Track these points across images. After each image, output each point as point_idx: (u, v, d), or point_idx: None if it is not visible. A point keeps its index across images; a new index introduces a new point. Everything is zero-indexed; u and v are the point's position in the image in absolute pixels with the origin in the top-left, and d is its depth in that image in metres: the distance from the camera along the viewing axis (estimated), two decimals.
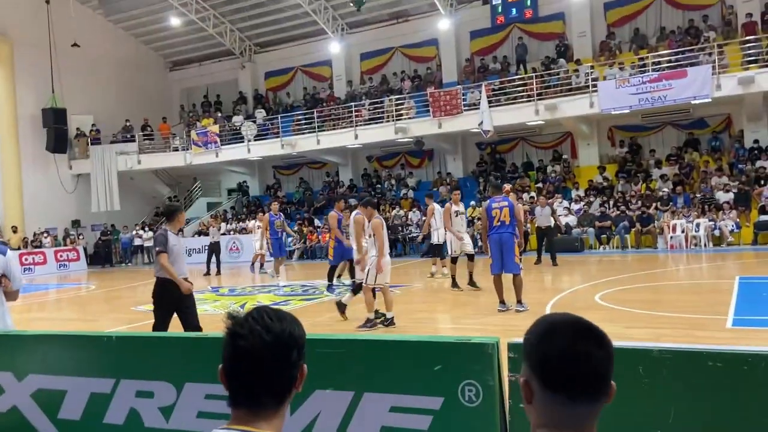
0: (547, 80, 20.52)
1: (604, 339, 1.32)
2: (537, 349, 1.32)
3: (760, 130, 19.09)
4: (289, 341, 1.48)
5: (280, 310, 1.56)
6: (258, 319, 1.49)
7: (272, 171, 28.57)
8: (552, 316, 1.41)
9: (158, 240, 6.44)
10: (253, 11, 26.16)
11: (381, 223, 8.03)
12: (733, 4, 19.82)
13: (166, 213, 7.07)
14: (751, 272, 12.04)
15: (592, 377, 1.29)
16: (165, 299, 6.37)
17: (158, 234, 6.59)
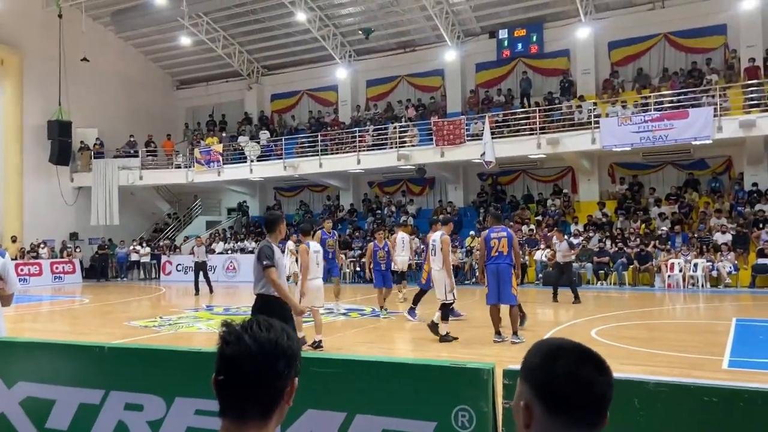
0: (550, 114, 20.70)
1: (605, 365, 1.33)
2: (541, 371, 1.32)
3: (759, 173, 19.21)
4: (275, 351, 1.48)
5: (273, 321, 1.56)
6: (247, 327, 1.50)
7: (273, 192, 28.64)
8: (553, 340, 1.41)
9: (264, 253, 5.72)
10: (263, 34, 26.54)
11: (306, 249, 8.67)
12: (736, 48, 20.11)
13: (266, 222, 6.18)
14: (748, 314, 12.00)
15: (595, 402, 1.29)
16: None
17: (263, 246, 5.83)
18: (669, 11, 21.06)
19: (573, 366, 1.29)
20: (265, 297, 5.74)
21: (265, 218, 6.22)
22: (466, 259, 20.22)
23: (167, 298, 18.53)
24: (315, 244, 9.01)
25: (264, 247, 5.80)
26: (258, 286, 5.76)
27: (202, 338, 9.82)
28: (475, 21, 24.01)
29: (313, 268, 8.62)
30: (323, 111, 27.63)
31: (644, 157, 20.95)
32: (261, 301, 5.75)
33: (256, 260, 5.79)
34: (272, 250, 5.74)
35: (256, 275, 5.80)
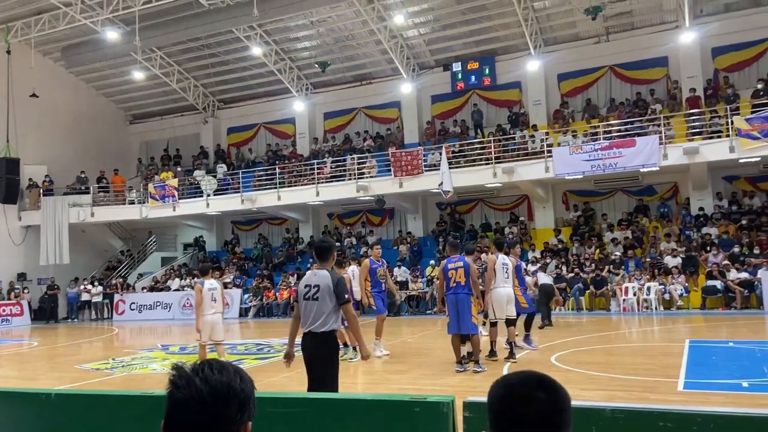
0: (505, 144, 21.18)
1: (555, 389, 1.34)
2: (489, 398, 1.34)
3: (705, 198, 19.98)
4: (228, 394, 1.43)
5: (225, 363, 1.52)
6: (198, 370, 1.45)
7: (231, 226, 28.27)
8: (516, 371, 1.45)
9: (343, 287, 5.15)
10: (218, 68, 26.49)
11: (200, 288, 9.22)
12: (677, 79, 21.06)
13: (318, 250, 5.38)
14: (700, 336, 12.32)
15: (537, 421, 1.29)
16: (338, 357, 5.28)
17: (340, 278, 5.22)
18: (613, 44, 21.97)
19: (516, 386, 1.32)
20: (334, 334, 5.14)
21: (318, 244, 5.53)
22: (427, 288, 20.26)
23: (120, 339, 17.92)
24: (211, 282, 9.56)
25: (341, 279, 5.23)
26: (328, 321, 5.07)
27: (157, 380, 9.49)
28: (429, 54, 24.54)
29: (207, 304, 9.32)
30: (281, 144, 27.60)
31: (596, 185, 21.57)
32: (334, 338, 5.16)
33: (332, 294, 5.05)
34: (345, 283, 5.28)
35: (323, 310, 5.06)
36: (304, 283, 5.22)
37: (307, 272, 5.35)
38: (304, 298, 5.17)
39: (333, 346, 5.15)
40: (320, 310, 5.07)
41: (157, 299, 23.58)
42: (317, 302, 5.08)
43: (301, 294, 5.23)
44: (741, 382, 7.30)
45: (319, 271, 5.20)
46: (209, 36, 23.83)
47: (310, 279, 5.20)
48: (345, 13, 22.55)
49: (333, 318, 5.09)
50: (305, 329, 5.14)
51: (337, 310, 5.11)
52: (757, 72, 20.16)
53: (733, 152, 17.26)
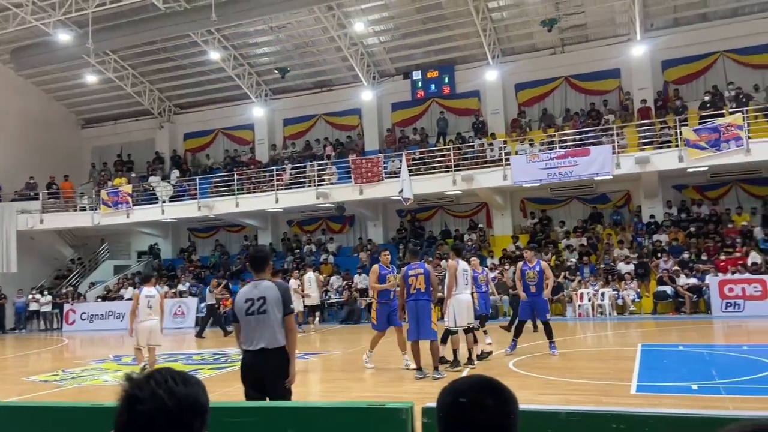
0: (464, 152, 21.43)
1: (503, 393, 1.36)
2: (437, 404, 1.34)
3: (655, 206, 20.61)
4: (194, 407, 1.38)
5: (186, 374, 1.47)
6: (161, 382, 1.38)
7: (187, 233, 27.74)
8: (464, 376, 1.45)
9: (289, 296, 4.84)
10: (175, 73, 26.04)
11: (138, 295, 9.91)
12: (629, 90, 21.71)
13: (254, 260, 4.95)
14: (652, 340, 12.66)
15: (486, 426, 1.30)
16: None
17: (286, 287, 4.92)
18: (568, 56, 22.52)
19: (463, 392, 1.32)
20: (285, 351, 4.72)
21: (253, 255, 5.02)
22: None
23: (71, 350, 17.33)
24: (149, 290, 10.17)
25: (287, 288, 4.91)
26: (279, 337, 4.68)
27: (109, 391, 9.21)
28: (389, 62, 24.67)
29: (143, 311, 9.98)
30: (239, 150, 27.27)
31: (552, 192, 22.02)
32: (286, 356, 4.72)
33: (280, 305, 4.70)
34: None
35: (272, 324, 4.67)
36: (244, 297, 4.74)
37: (243, 287, 4.90)
38: (247, 314, 4.69)
39: (285, 363, 4.74)
40: (270, 324, 4.66)
41: (109, 309, 22.92)
42: (265, 315, 4.66)
43: (241, 310, 4.73)
44: (691, 385, 7.53)
45: (261, 282, 4.79)
46: (166, 40, 23.39)
47: (250, 292, 4.75)
48: (305, 19, 22.50)
49: (282, 330, 4.71)
50: (253, 347, 4.67)
51: (283, 322, 4.73)
52: (704, 84, 20.96)
53: (681, 162, 17.87)
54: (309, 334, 16.57)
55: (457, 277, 9.58)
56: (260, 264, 4.87)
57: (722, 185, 20.42)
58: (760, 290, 15.98)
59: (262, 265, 4.86)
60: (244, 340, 4.75)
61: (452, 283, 9.54)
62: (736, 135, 17.06)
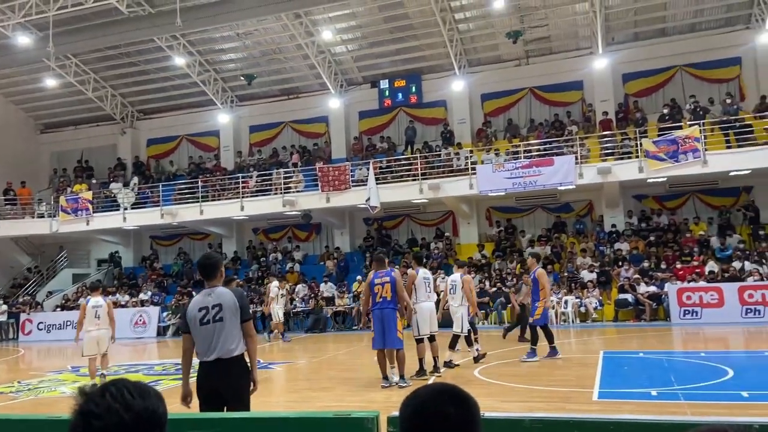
0: (431, 161, 21.57)
1: (466, 402, 1.36)
2: (400, 414, 1.34)
3: (617, 215, 21.07)
4: (152, 420, 1.34)
5: (142, 385, 1.43)
6: (117, 396, 1.33)
7: (149, 241, 27.21)
8: (425, 385, 1.44)
9: (247, 302, 4.66)
10: (138, 77, 25.59)
11: (84, 305, 10.25)
12: (592, 102, 22.20)
13: (204, 267, 4.68)
14: (613, 347, 12.89)
15: None
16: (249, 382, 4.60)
17: (242, 293, 4.74)
18: (533, 68, 22.92)
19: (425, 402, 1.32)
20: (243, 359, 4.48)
21: (202, 263, 4.72)
22: (353, 304, 20.20)
23: (27, 361, 16.77)
24: (96, 300, 10.41)
25: (244, 294, 4.74)
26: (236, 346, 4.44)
27: (67, 404, 8.92)
28: (357, 71, 24.72)
29: (91, 321, 10.26)
30: (204, 156, 26.92)
31: (517, 201, 22.32)
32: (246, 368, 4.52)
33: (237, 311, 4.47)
34: None
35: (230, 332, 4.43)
36: (198, 306, 4.48)
37: (195, 297, 4.64)
38: (202, 323, 4.43)
39: (246, 371, 4.53)
40: (227, 332, 4.41)
41: (67, 318, 22.26)
42: (222, 323, 4.41)
43: (194, 319, 4.45)
44: (650, 391, 7.68)
45: (215, 289, 4.54)
46: (129, 44, 23.01)
47: (203, 301, 4.50)
48: (272, 26, 22.40)
49: (241, 339, 4.48)
50: (208, 357, 4.40)
51: (240, 330, 4.50)
52: (663, 97, 21.56)
53: (641, 172, 18.33)
54: (273, 344, 16.40)
55: (418, 285, 9.53)
56: (211, 271, 4.61)
57: (680, 195, 21.00)
58: (716, 298, 16.45)
59: (213, 272, 4.61)
60: (199, 351, 4.48)
61: (410, 291, 9.47)
62: (693, 147, 17.59)
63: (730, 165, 17.96)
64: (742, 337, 13.95)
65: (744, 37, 20.55)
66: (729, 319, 15.82)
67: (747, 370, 9.41)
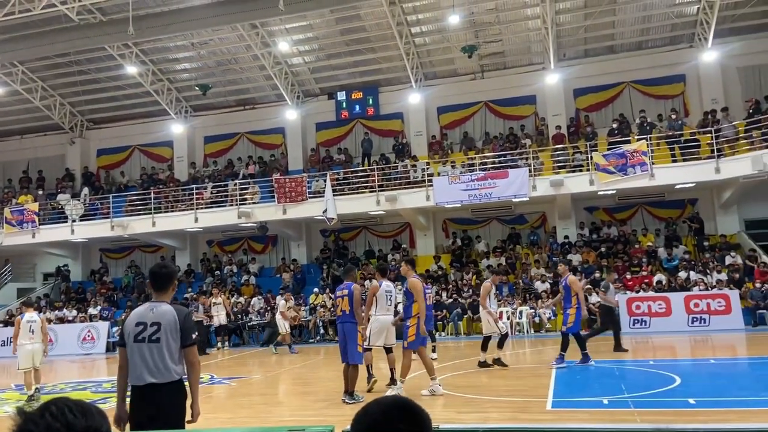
0: (388, 173, 21.66)
1: (417, 416, 1.35)
2: (350, 430, 1.32)
3: (569, 227, 21.56)
4: None
5: (84, 403, 1.37)
6: (57, 415, 1.28)
7: (99, 254, 26.40)
8: (375, 399, 1.42)
9: (191, 323, 4.21)
10: (88, 86, 24.92)
11: (19, 320, 10.82)
12: (545, 116, 22.73)
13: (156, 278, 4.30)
14: (566, 357, 13.10)
15: None
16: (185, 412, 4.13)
17: (188, 313, 4.26)
18: (488, 82, 23.35)
19: (376, 421, 1.31)
20: (179, 387, 4.05)
21: (156, 271, 4.32)
22: (310, 317, 20.01)
23: None
24: (30, 315, 10.82)
25: (189, 315, 4.27)
26: (172, 372, 4.00)
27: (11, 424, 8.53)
28: (314, 82, 24.68)
29: (25, 335, 10.64)
30: (157, 167, 26.36)
31: (472, 213, 22.60)
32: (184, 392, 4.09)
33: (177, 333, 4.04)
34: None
35: (165, 356, 3.99)
36: (136, 320, 4.06)
37: (137, 308, 4.25)
38: (136, 340, 4.01)
39: (182, 401, 4.06)
40: (162, 355, 3.97)
41: (11, 335, 21.33)
42: (158, 344, 3.97)
43: (129, 335, 4.05)
44: (602, 400, 7.84)
45: (159, 304, 4.11)
46: (79, 52, 22.39)
47: (144, 315, 4.08)
48: (228, 36, 22.19)
49: (179, 363, 4.04)
50: (140, 382, 3.96)
51: (181, 354, 4.07)
52: (612, 112, 22.25)
53: (592, 185, 18.83)
54: (223, 359, 16.07)
55: (379, 297, 9.40)
56: (163, 282, 4.22)
57: (629, 207, 21.66)
58: (664, 307, 16.97)
59: (165, 284, 4.22)
60: (130, 373, 4.06)
61: (370, 303, 9.39)
62: (641, 161, 18.18)
63: (676, 178, 18.64)
64: (689, 345, 14.41)
65: (688, 56, 21.43)
66: (676, 327, 16.34)
67: (693, 377, 9.71)
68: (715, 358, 11.74)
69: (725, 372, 10.52)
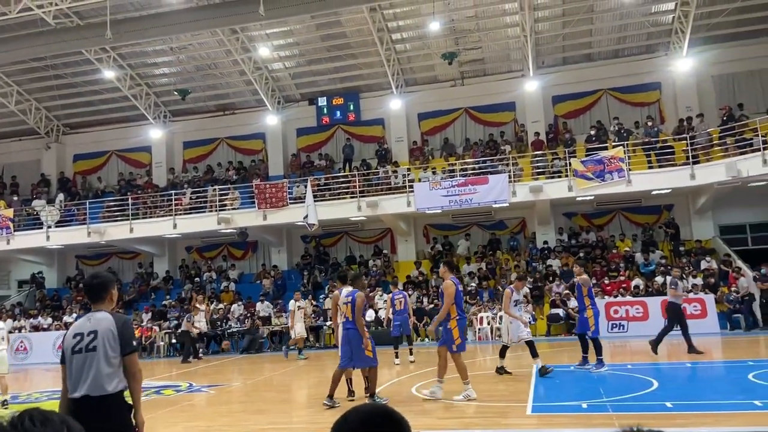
0: (369, 179, 21.67)
1: (398, 424, 1.34)
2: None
3: (548, 233, 21.75)
4: None
5: (48, 413, 1.35)
6: (16, 425, 1.27)
7: (75, 261, 26.00)
8: (353, 407, 1.42)
9: (131, 331, 4.03)
10: (65, 91, 24.60)
11: None
12: (524, 123, 22.93)
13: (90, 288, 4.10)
14: (546, 361, 13.15)
15: None
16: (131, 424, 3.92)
17: (126, 320, 4.09)
18: (468, 89, 23.50)
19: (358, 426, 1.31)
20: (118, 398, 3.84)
21: (88, 282, 4.13)
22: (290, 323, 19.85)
23: None
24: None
25: (128, 322, 4.13)
26: (111, 382, 3.80)
27: None
28: (295, 88, 24.63)
29: None
30: (135, 173, 26.07)
31: (453, 219, 22.69)
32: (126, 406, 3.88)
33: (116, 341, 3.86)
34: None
35: (101, 365, 3.80)
36: (74, 331, 3.92)
37: (76, 320, 4.10)
38: (74, 352, 3.84)
39: (126, 411, 3.85)
40: (100, 364, 3.78)
41: None
42: (94, 353, 3.80)
43: (68, 348, 3.89)
44: (581, 404, 7.90)
45: (96, 313, 3.95)
46: (56, 56, 22.09)
47: (81, 326, 3.92)
48: (207, 41, 22.06)
49: (119, 373, 3.84)
50: (78, 393, 3.78)
51: (121, 363, 3.87)
52: (590, 119, 22.53)
53: (571, 191, 19.03)
54: (201, 366, 15.91)
55: (340, 306, 9.06)
56: (97, 292, 4.03)
57: (607, 213, 21.92)
58: (641, 312, 17.18)
59: (99, 294, 4.02)
60: (69, 386, 3.87)
61: (334, 312, 9.29)
62: (618, 167, 18.43)
63: (652, 184, 18.92)
64: (666, 349, 14.58)
65: (663, 64, 21.80)
66: (653, 331, 16.36)
67: (670, 381, 9.83)
68: (691, 361, 11.90)
69: (701, 375, 10.67)
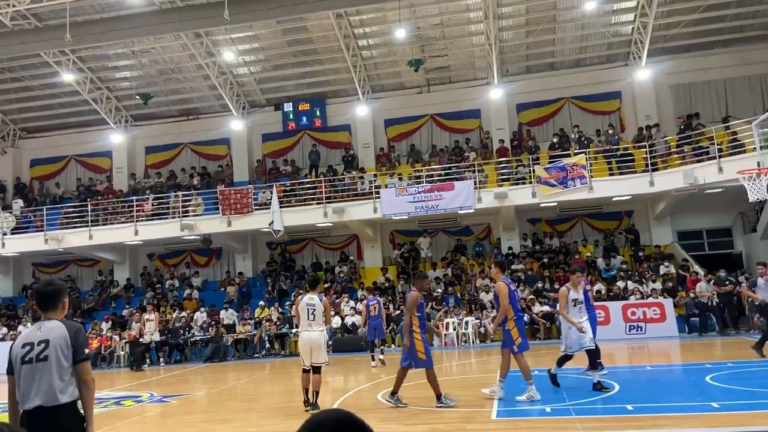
0: (336, 185, 21.60)
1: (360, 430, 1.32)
2: None
3: (513, 238, 22.01)
4: None
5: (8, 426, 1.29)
6: None
7: (31, 268, 25.22)
8: (319, 414, 1.39)
9: (84, 338, 3.89)
10: (21, 94, 23.93)
11: None
12: (489, 130, 23.19)
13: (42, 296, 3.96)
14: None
15: None
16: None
17: (79, 328, 3.92)
18: (434, 95, 23.67)
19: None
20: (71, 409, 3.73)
21: (39, 290, 3.97)
22: (255, 331, 19.65)
23: None
24: None
25: (81, 329, 3.94)
26: (64, 392, 3.70)
27: None
28: (260, 93, 24.43)
29: None
30: (94, 178, 25.47)
31: (420, 225, 22.77)
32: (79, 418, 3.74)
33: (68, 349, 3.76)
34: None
35: (53, 375, 3.70)
36: (23, 341, 3.82)
37: (24, 330, 3.97)
38: (24, 362, 3.75)
39: (78, 422, 3.74)
40: (52, 374, 3.70)
41: None
42: (45, 363, 3.70)
43: (17, 358, 3.79)
44: (545, 408, 7.99)
45: (46, 322, 3.84)
46: (12, 58, 21.48)
47: (30, 336, 3.82)
48: (171, 45, 21.74)
49: (72, 383, 3.74)
50: (28, 405, 3.68)
51: (74, 372, 3.77)
52: (553, 127, 22.92)
53: (535, 197, 19.31)
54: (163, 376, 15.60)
55: (300, 311, 8.98)
56: (48, 300, 3.90)
57: (570, 219, 22.30)
58: (603, 316, 17.46)
59: (52, 302, 3.90)
60: (20, 397, 3.77)
61: (298, 318, 9.15)
62: (580, 174, 18.77)
63: (613, 191, 19.32)
64: (627, 353, 14.87)
65: (623, 73, 22.33)
66: (614, 335, 16.84)
67: (631, 384, 10.01)
68: (651, 365, 12.15)
69: (661, 378, 10.90)
